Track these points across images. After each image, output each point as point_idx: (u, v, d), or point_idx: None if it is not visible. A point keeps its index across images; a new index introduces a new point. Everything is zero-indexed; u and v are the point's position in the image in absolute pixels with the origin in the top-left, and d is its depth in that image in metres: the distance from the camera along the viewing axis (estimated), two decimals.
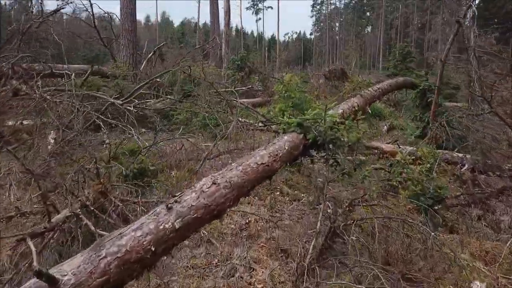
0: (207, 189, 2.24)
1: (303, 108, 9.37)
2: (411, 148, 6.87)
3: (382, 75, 19.50)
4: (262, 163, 2.83)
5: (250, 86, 12.90)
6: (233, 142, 6.88)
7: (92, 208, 2.79)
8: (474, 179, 5.95)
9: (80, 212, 2.62)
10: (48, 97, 4.18)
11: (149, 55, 11.86)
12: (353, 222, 3.02)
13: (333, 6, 65.56)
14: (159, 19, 61.45)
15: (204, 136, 7.85)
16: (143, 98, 7.26)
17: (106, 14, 12.55)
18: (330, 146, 3.49)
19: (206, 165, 6.31)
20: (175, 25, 66.11)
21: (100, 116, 4.78)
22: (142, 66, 11.39)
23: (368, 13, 62.50)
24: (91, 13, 11.45)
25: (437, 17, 43.59)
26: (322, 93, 14.82)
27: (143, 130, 7.70)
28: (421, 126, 7.94)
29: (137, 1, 12.31)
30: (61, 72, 4.96)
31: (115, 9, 12.04)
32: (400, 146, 6.93)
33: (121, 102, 5.42)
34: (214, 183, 2.31)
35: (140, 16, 76.25)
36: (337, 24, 65.95)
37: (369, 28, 62.96)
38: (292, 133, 3.55)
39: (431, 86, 7.97)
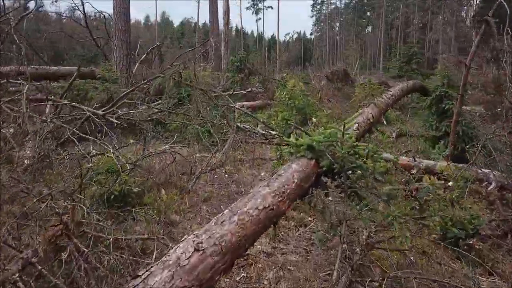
0: (186, 261, 1.53)
1: (306, 112, 8.68)
2: (428, 161, 6.20)
3: (386, 77, 18.79)
4: (264, 207, 2.11)
5: (249, 89, 12.22)
6: (230, 161, 6.17)
7: (40, 267, 2.09)
8: (503, 199, 5.26)
9: (18, 278, 1.92)
10: (7, 108, 3.48)
11: (142, 57, 11.15)
12: (383, 279, 2.33)
13: (333, 6, 64.92)
14: (158, 19, 60.83)
15: (200, 145, 7.18)
16: (132, 106, 6.53)
17: (99, 14, 11.91)
18: (349, 174, 2.78)
19: (201, 181, 5.65)
20: (175, 25, 65.44)
21: (75, 130, 4.09)
22: (135, 68, 10.67)
23: (368, 13, 61.86)
24: (82, 12, 10.83)
25: (438, 17, 42.90)
26: (325, 96, 14.10)
27: (132, 141, 6.99)
28: (438, 134, 7.25)
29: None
30: (18, 81, 4.25)
31: (111, 9, 11.33)
32: (416, 159, 6.24)
33: (101, 112, 4.71)
34: (197, 249, 1.60)
35: (140, 16, 75.78)
36: (337, 24, 65.31)
37: (369, 28, 62.34)
38: (301, 158, 2.82)
39: (447, 92, 7.28)
